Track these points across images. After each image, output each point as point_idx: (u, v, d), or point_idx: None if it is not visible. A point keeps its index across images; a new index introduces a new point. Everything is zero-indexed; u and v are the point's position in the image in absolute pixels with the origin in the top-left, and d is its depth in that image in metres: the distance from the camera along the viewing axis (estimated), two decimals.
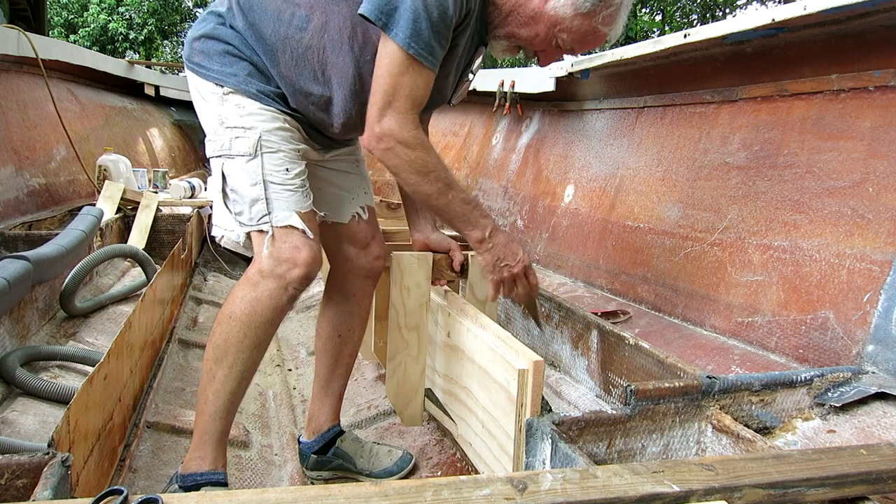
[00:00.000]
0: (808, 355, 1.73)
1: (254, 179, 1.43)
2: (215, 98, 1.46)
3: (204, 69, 1.48)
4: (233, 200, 1.47)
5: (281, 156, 1.45)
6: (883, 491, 0.99)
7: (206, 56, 1.48)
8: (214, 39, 1.48)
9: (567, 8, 1.37)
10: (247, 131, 1.43)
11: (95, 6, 17.91)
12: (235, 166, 1.44)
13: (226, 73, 1.46)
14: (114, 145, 4.53)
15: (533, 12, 1.40)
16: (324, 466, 1.76)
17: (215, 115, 1.47)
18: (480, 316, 1.58)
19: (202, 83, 1.49)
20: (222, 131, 1.46)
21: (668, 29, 12.49)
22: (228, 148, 1.45)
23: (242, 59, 1.46)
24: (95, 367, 1.43)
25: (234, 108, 1.44)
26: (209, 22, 1.50)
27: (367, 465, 1.75)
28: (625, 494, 0.86)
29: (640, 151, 2.77)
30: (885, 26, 1.74)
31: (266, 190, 1.42)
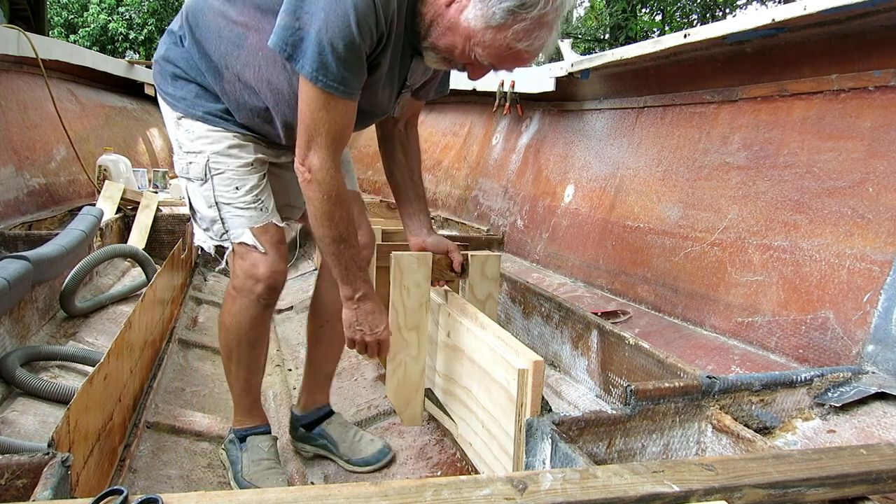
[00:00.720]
0: (808, 355, 1.73)
1: (209, 202, 1.56)
2: (172, 122, 1.59)
3: (162, 92, 1.60)
4: (199, 218, 1.61)
5: (229, 175, 1.54)
6: (883, 491, 0.99)
7: (162, 78, 1.59)
8: (167, 62, 1.57)
9: (478, 20, 1.28)
10: (197, 156, 1.54)
11: (95, 6, 17.91)
12: (194, 188, 1.58)
13: (177, 97, 1.56)
14: (114, 145, 4.53)
15: (449, 23, 1.34)
16: (308, 442, 1.87)
17: (174, 139, 1.60)
18: (480, 316, 1.58)
19: (164, 106, 1.61)
20: (182, 155, 1.58)
21: (668, 29, 12.49)
22: (187, 171, 1.58)
23: (189, 80, 1.55)
24: (95, 367, 1.42)
25: (185, 133, 1.56)
26: (164, 43, 1.60)
27: (348, 451, 1.82)
28: (625, 494, 0.86)
29: (640, 151, 2.77)
30: (885, 26, 1.74)
31: (220, 211, 1.55)
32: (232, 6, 1.46)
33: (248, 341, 1.64)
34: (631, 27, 11.25)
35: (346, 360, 2.61)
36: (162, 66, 1.59)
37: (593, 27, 14.39)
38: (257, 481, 1.64)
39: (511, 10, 1.24)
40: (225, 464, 1.76)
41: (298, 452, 1.90)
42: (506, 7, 1.24)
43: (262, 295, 1.57)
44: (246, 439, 1.72)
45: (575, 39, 12.18)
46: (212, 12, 1.49)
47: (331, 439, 1.84)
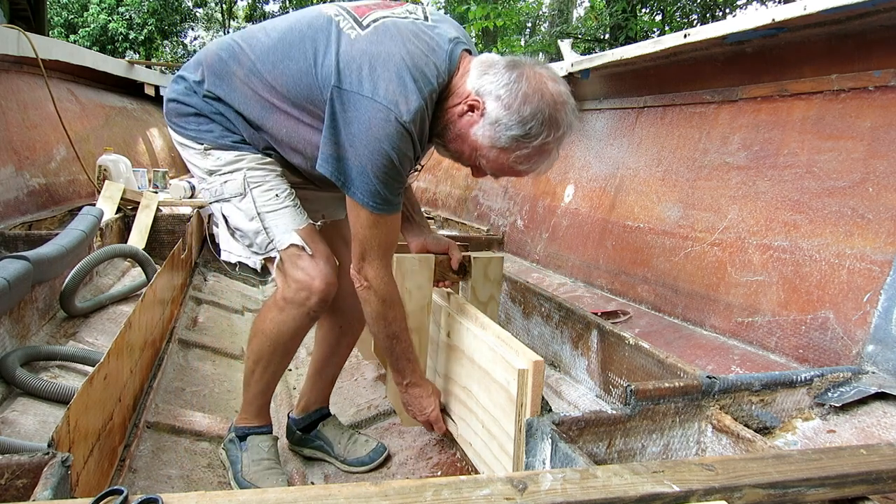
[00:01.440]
0: (808, 355, 1.73)
1: (250, 214, 1.57)
2: (197, 154, 1.60)
3: (182, 129, 1.61)
4: (240, 236, 1.61)
5: (268, 185, 1.57)
6: (883, 491, 0.99)
7: (181, 118, 1.60)
8: (186, 105, 1.59)
9: (486, 139, 1.39)
10: (233, 174, 1.57)
11: (95, 6, 17.90)
12: (232, 207, 1.59)
13: (202, 131, 1.58)
14: (114, 145, 4.53)
15: (460, 131, 1.44)
16: (305, 444, 1.89)
17: (202, 168, 1.60)
18: (480, 316, 1.58)
19: (183, 140, 1.62)
20: (212, 179, 1.59)
21: (668, 29, 12.48)
22: (221, 192, 1.59)
23: (213, 121, 1.58)
24: (95, 367, 1.42)
25: (215, 161, 1.58)
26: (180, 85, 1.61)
27: (343, 452, 1.84)
28: (625, 494, 0.86)
29: (640, 151, 2.77)
30: (885, 26, 1.74)
31: (262, 221, 1.56)
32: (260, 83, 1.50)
33: (283, 351, 1.65)
34: (631, 27, 11.24)
35: (346, 360, 2.61)
36: (179, 106, 1.60)
37: (593, 27, 14.39)
38: (257, 481, 1.64)
39: (516, 138, 1.37)
40: (225, 463, 1.76)
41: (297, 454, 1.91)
42: (511, 135, 1.36)
43: (314, 308, 1.56)
44: (246, 438, 1.73)
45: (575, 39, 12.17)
46: (238, 81, 1.52)
47: (326, 441, 1.85)
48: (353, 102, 1.35)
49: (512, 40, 16.80)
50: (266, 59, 1.48)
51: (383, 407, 2.12)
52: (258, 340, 1.64)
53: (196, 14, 20.62)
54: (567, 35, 12.45)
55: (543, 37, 16.30)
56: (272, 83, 1.48)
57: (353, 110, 1.35)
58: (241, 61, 1.52)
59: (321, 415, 1.89)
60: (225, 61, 1.53)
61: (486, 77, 1.39)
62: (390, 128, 1.34)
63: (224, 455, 1.77)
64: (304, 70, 1.43)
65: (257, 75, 1.49)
